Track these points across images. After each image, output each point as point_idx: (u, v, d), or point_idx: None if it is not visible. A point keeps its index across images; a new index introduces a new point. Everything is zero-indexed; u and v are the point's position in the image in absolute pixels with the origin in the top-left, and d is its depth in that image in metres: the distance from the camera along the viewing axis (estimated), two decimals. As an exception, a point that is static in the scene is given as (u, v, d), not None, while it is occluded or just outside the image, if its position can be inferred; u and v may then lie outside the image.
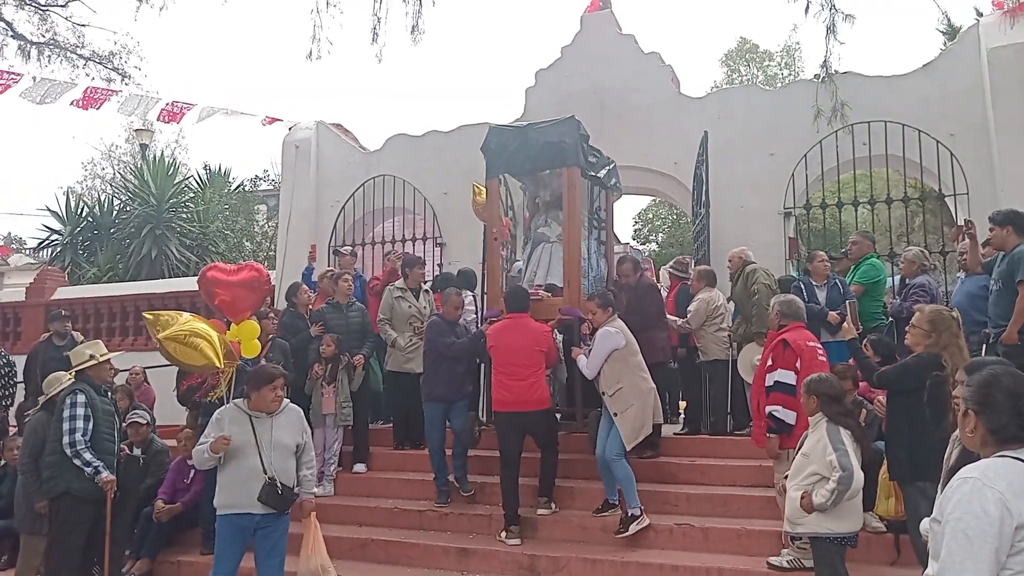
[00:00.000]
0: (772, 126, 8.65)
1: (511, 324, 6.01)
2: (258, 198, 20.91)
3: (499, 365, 5.92)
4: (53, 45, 18.73)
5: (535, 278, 6.88)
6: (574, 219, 6.41)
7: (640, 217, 27.96)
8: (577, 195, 6.48)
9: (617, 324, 5.77)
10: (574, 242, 6.41)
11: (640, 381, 5.66)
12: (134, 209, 15.09)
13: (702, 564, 5.05)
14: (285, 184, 11.13)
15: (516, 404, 5.79)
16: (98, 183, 26.98)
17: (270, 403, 4.58)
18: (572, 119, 6.47)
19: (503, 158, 6.70)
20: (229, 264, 6.37)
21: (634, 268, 6.94)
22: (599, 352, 5.67)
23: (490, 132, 6.78)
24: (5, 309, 11.54)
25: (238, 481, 4.49)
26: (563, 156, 6.42)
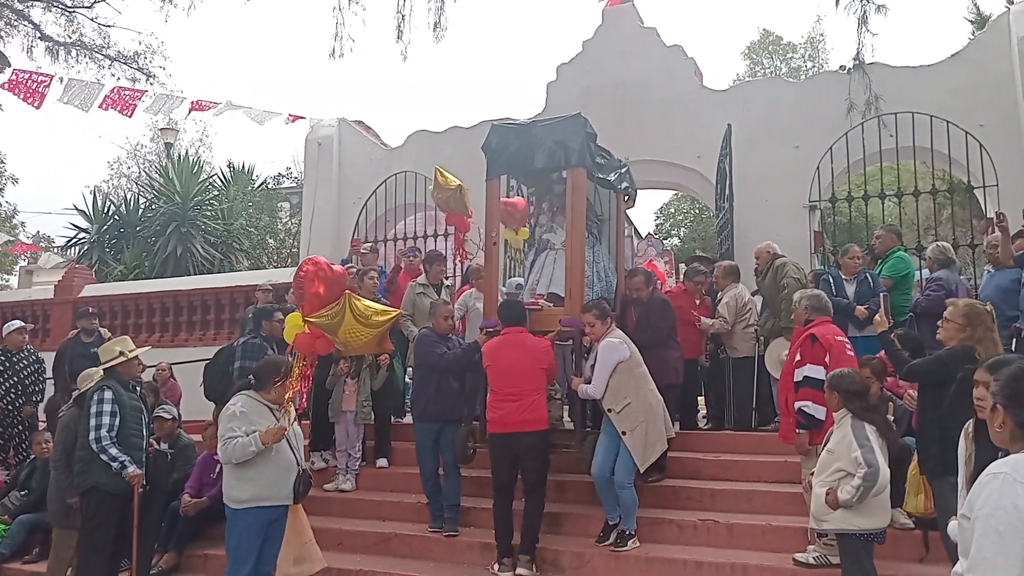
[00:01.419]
0: (797, 118, 8.55)
1: (508, 340, 5.52)
2: (281, 195, 21.06)
3: (495, 385, 5.43)
4: (79, 46, 19.02)
5: (537, 286, 6.45)
6: (577, 223, 5.97)
7: (662, 211, 27.84)
8: (581, 198, 6.07)
9: (618, 334, 5.41)
10: (577, 248, 5.97)
11: (649, 395, 5.30)
12: (159, 207, 15.27)
13: (727, 560, 5.01)
14: (308, 181, 11.21)
15: (510, 424, 5.30)
16: (124, 182, 27.36)
17: (282, 396, 4.66)
18: (578, 116, 6.05)
19: (504, 158, 6.26)
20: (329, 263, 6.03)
21: (646, 281, 6.38)
22: (604, 365, 5.26)
23: (491, 130, 6.38)
24: (34, 307, 11.74)
25: (275, 474, 4.52)
26: (567, 156, 5.97)
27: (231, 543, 4.53)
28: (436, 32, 8.20)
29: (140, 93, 10.72)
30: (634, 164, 9.38)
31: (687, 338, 6.74)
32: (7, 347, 7.78)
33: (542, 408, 5.39)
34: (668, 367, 6.04)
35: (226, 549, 4.61)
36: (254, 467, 4.48)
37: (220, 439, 4.54)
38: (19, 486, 6.83)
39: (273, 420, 4.54)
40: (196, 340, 10.08)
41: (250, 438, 4.42)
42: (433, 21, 8.01)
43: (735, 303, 6.91)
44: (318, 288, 5.56)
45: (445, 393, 5.87)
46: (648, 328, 6.16)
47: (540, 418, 5.36)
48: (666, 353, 6.10)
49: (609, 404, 5.22)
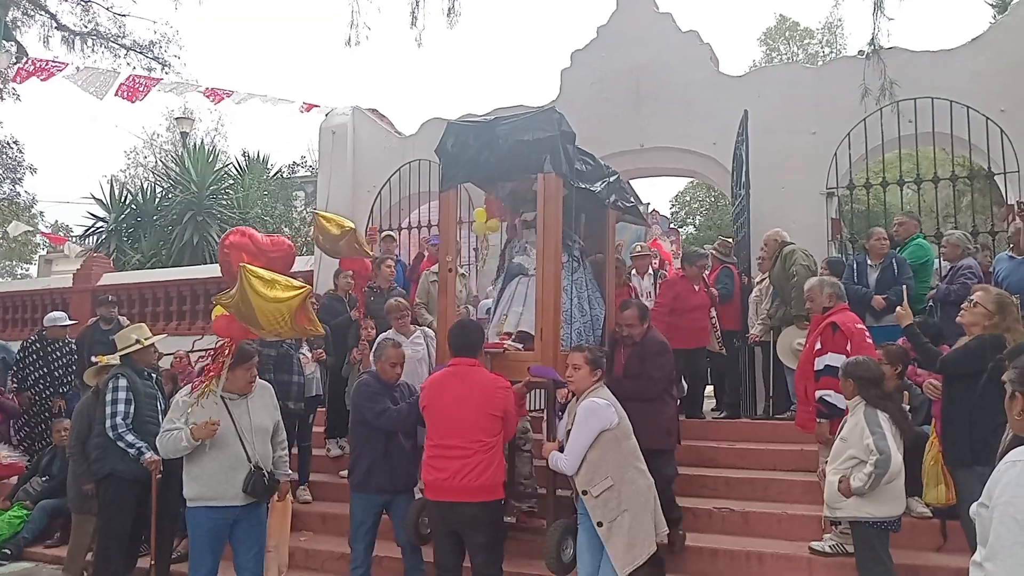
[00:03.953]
0: (814, 104, 8.45)
1: (454, 374, 4.34)
2: (296, 184, 21.14)
3: (433, 434, 4.30)
4: (95, 35, 19.13)
5: (505, 323, 5.15)
6: (550, 241, 4.75)
7: (677, 200, 27.70)
8: (555, 209, 4.80)
9: (605, 393, 4.17)
10: (550, 273, 4.73)
11: (637, 476, 4.05)
12: (176, 196, 15.36)
13: (742, 548, 5.01)
14: (322, 170, 11.22)
15: (448, 490, 4.13)
16: (140, 171, 27.56)
17: (245, 384, 4.36)
18: (551, 111, 5.02)
19: (463, 162, 5.14)
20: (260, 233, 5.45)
21: (640, 316, 5.10)
22: (582, 433, 4.02)
23: (447, 129, 5.25)
24: (54, 295, 11.86)
25: (219, 471, 4.22)
26: (537, 158, 4.81)
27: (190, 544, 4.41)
28: (450, 18, 8.18)
29: (155, 81, 10.76)
30: (649, 151, 9.38)
31: (692, 325, 6.65)
32: (45, 335, 7.87)
33: (493, 470, 4.17)
34: (659, 427, 4.85)
35: None
36: (198, 463, 4.27)
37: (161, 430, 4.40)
38: (40, 472, 6.95)
39: (224, 410, 4.27)
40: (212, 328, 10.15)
41: (182, 432, 4.21)
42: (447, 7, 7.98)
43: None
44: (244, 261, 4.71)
45: (394, 456, 4.69)
46: (640, 376, 4.97)
47: (489, 484, 4.15)
48: (659, 410, 4.94)
49: (584, 484, 4.01)
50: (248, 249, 4.87)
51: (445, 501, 4.18)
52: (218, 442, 4.23)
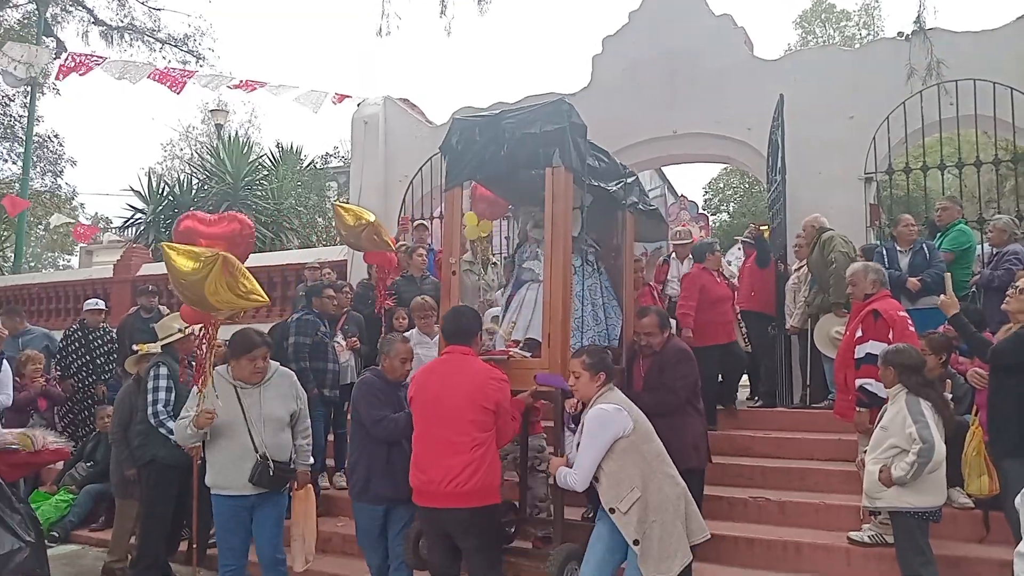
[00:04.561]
0: (852, 88, 8.28)
1: (442, 362, 4.10)
2: (329, 175, 21.30)
3: (418, 429, 3.99)
4: (131, 30, 19.43)
5: (513, 330, 4.92)
6: (558, 241, 4.42)
7: (711, 186, 27.42)
8: (564, 207, 4.44)
9: (615, 397, 3.82)
10: (559, 274, 4.39)
11: (665, 482, 3.69)
12: (211, 188, 15.57)
13: (779, 538, 4.96)
14: (355, 160, 11.28)
15: (435, 495, 3.83)
16: (177, 163, 27.98)
17: (249, 375, 4.29)
18: (560, 102, 4.65)
19: (468, 159, 4.85)
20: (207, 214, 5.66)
21: (660, 324, 4.74)
22: (594, 445, 3.69)
23: (452, 125, 5.00)
24: (95, 285, 12.13)
25: (228, 461, 4.22)
26: (545, 152, 4.49)
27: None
28: (481, 5, 8.14)
29: (190, 74, 10.89)
30: (683, 137, 9.27)
31: (720, 319, 6.51)
32: (86, 323, 8.06)
33: (485, 472, 3.79)
34: (686, 444, 4.46)
35: None
36: (212, 452, 4.31)
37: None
38: (85, 458, 7.13)
39: (235, 399, 4.24)
40: (250, 317, 10.26)
41: (187, 420, 4.24)
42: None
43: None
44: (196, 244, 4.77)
45: (396, 462, 4.25)
46: (660, 387, 4.61)
47: (480, 488, 3.78)
48: (684, 424, 4.57)
49: (610, 501, 3.66)
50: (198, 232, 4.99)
51: (432, 507, 3.88)
52: (227, 431, 4.23)
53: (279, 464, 4.26)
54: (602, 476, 3.70)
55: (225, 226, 5.34)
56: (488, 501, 3.86)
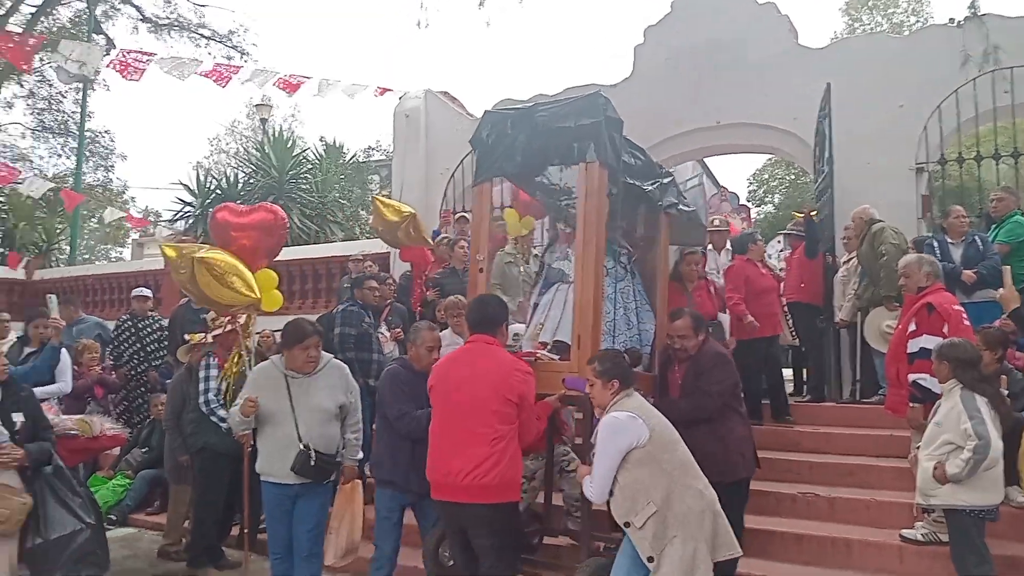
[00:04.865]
0: (901, 76, 8.08)
1: (465, 351, 3.97)
2: (371, 168, 21.50)
3: (436, 419, 3.86)
4: (177, 26, 19.82)
5: (541, 332, 4.73)
6: (590, 240, 4.20)
7: (755, 178, 27.02)
8: (597, 203, 4.22)
9: (631, 404, 3.59)
10: (590, 273, 4.19)
11: (688, 496, 3.42)
12: (257, 181, 15.82)
13: (828, 534, 4.89)
14: (396, 153, 11.37)
15: (452, 490, 3.70)
16: (223, 157, 28.50)
17: (302, 364, 4.29)
18: (596, 95, 4.42)
19: (498, 154, 4.66)
20: (240, 205, 5.87)
21: (694, 326, 4.47)
22: (606, 454, 3.50)
23: (483, 118, 4.83)
24: (147, 276, 12.43)
25: (274, 448, 4.26)
26: (579, 147, 4.30)
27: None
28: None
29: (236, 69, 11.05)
30: (726, 128, 9.15)
31: (765, 311, 6.40)
32: (135, 312, 8.29)
33: (504, 467, 3.63)
34: (732, 452, 4.20)
35: None
36: (260, 439, 4.37)
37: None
38: (140, 444, 7.34)
39: (284, 389, 4.28)
40: (296, 308, 10.45)
41: (237, 407, 4.34)
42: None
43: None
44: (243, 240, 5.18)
45: (422, 458, 3.98)
46: (696, 392, 4.37)
47: (499, 483, 3.63)
48: (727, 430, 4.29)
49: (623, 515, 3.47)
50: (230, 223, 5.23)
51: (448, 502, 3.74)
52: (274, 420, 4.27)
53: (322, 455, 4.25)
54: (615, 488, 3.49)
55: (257, 216, 5.50)
56: (507, 498, 3.69)
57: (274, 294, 5.47)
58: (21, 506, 4.01)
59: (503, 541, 3.73)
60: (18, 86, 19.25)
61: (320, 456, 4.23)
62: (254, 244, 5.43)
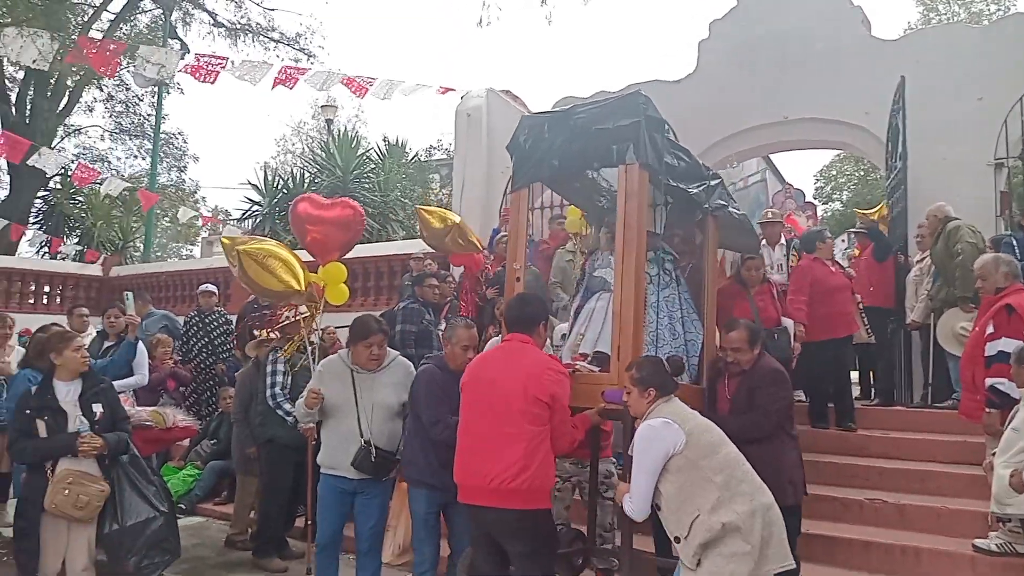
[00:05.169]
0: (980, 67, 7.75)
1: (500, 349, 3.87)
2: (432, 167, 21.72)
3: (464, 419, 3.70)
4: (247, 30, 20.39)
5: (581, 342, 4.52)
6: (631, 246, 3.98)
7: (822, 174, 26.31)
8: (637, 209, 4.01)
9: (667, 409, 3.36)
10: (631, 280, 3.96)
11: (734, 498, 3.15)
12: (322, 181, 16.15)
13: (896, 542, 4.73)
14: (458, 152, 11.45)
15: (476, 492, 3.55)
16: (289, 157, 29.21)
17: (365, 361, 4.29)
18: (637, 94, 4.24)
19: (536, 158, 4.47)
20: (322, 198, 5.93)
21: (749, 339, 4.21)
22: (643, 466, 3.28)
23: (520, 123, 4.62)
24: (216, 274, 12.81)
25: (336, 442, 4.29)
26: (619, 149, 4.10)
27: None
28: (583, -6, 8.06)
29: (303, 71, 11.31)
30: (793, 124, 8.94)
31: (836, 311, 6.13)
32: (201, 308, 8.59)
33: (534, 472, 3.44)
34: (781, 479, 3.80)
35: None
36: (324, 432, 4.41)
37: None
38: (209, 436, 7.58)
39: (349, 383, 4.30)
40: (359, 305, 10.63)
41: (303, 399, 4.38)
42: (581, -17, 7.88)
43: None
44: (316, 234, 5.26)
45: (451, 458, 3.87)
46: (748, 409, 4.12)
47: (527, 489, 3.44)
48: (777, 454, 4.01)
49: (672, 529, 3.25)
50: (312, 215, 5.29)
51: (475, 505, 3.57)
52: (337, 414, 4.29)
53: (382, 452, 4.24)
54: (661, 501, 3.26)
55: (338, 211, 5.61)
56: (536, 504, 3.50)
57: (340, 288, 5.51)
58: (99, 493, 4.18)
59: (535, 547, 3.56)
60: (98, 90, 20.08)
61: (380, 452, 4.23)
62: (325, 238, 5.50)
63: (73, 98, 18.26)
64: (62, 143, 20.63)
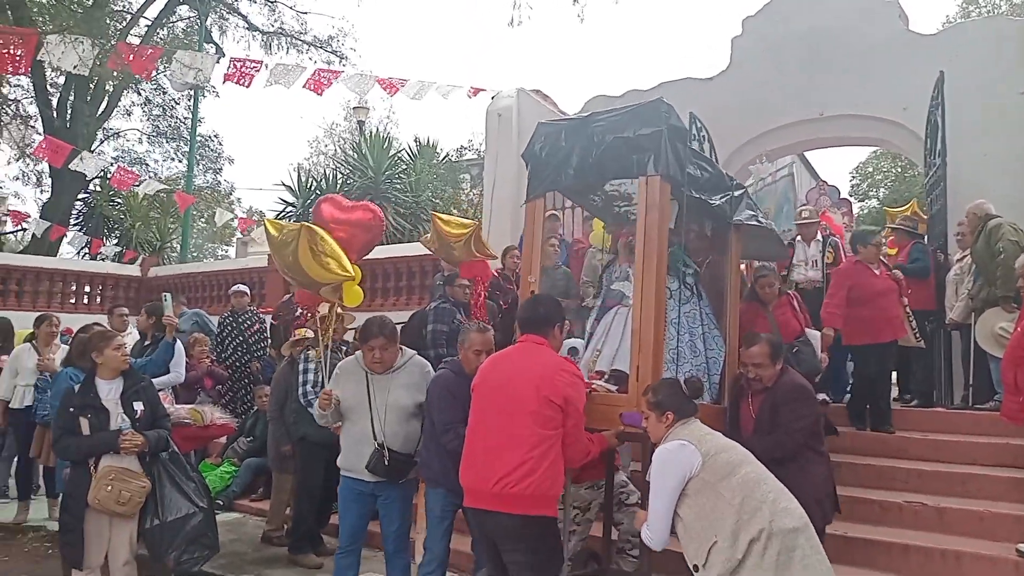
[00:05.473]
0: (1022, 61, 7.57)
1: (512, 350, 3.74)
2: (463, 167, 21.80)
3: (474, 419, 3.59)
4: (281, 33, 20.65)
5: (598, 360, 4.38)
6: (651, 259, 3.84)
7: (858, 171, 25.91)
8: (658, 220, 3.88)
9: (683, 432, 3.23)
10: (650, 297, 3.83)
11: (752, 520, 2.98)
12: (355, 182, 16.30)
13: (937, 545, 4.64)
14: (488, 152, 11.47)
15: (481, 495, 3.42)
16: (322, 159, 29.51)
17: (369, 363, 4.25)
18: (658, 102, 4.07)
19: (552, 167, 4.35)
20: (345, 200, 6.01)
21: (771, 355, 4.07)
22: (659, 491, 3.16)
23: (536, 130, 4.51)
24: (252, 274, 13.00)
25: (351, 444, 4.28)
26: (640, 159, 3.97)
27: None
28: (615, -8, 8.03)
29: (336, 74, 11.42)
30: (829, 120, 8.82)
31: (879, 315, 5.93)
32: (234, 308, 8.72)
33: (539, 477, 3.30)
34: (808, 500, 3.38)
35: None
36: (341, 433, 4.39)
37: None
38: (245, 433, 7.69)
39: (364, 385, 4.27)
40: (391, 305, 10.72)
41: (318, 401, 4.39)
42: (612, -19, 7.85)
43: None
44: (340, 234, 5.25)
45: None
46: (772, 427, 3.97)
47: (534, 493, 3.30)
48: (804, 473, 3.83)
49: (691, 556, 3.10)
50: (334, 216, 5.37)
51: (479, 509, 3.44)
52: (352, 416, 4.28)
53: (396, 454, 4.17)
54: (679, 526, 3.13)
55: (359, 213, 5.69)
56: (541, 511, 3.34)
57: (355, 289, 5.51)
58: (140, 489, 4.27)
59: (536, 559, 3.39)
60: (136, 94, 20.48)
61: (394, 455, 4.16)
62: (351, 239, 5.58)
63: (112, 102, 18.63)
64: (101, 146, 21.06)
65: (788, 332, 5.49)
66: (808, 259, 7.10)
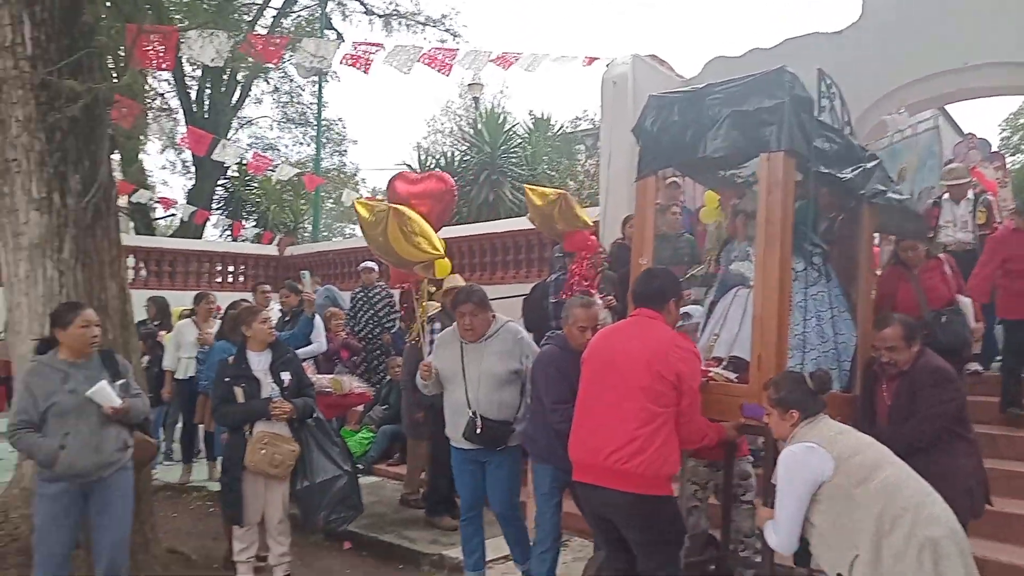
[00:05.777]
0: None
1: (626, 324, 3.68)
2: (578, 138, 21.69)
3: (584, 393, 3.53)
4: (396, 15, 21.12)
5: (716, 345, 4.16)
6: (774, 240, 3.59)
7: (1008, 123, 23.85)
8: (783, 200, 3.61)
9: (811, 433, 3.03)
10: (773, 280, 3.57)
11: (894, 530, 2.77)
12: (472, 158, 16.58)
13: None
14: (604, 122, 11.34)
15: (591, 470, 3.37)
16: (439, 137, 30.10)
17: (461, 332, 4.31)
18: (780, 71, 3.71)
19: (665, 143, 4.08)
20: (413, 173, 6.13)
21: (906, 336, 3.78)
22: (787, 497, 2.99)
23: (648, 103, 4.24)
24: (377, 251, 13.53)
25: (451, 413, 4.39)
26: (760, 135, 3.66)
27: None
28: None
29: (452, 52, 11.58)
30: (975, 69, 8.15)
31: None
32: (364, 284, 9.14)
33: (651, 455, 3.22)
34: (956, 491, 3.22)
35: None
36: (444, 403, 4.49)
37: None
38: (380, 401, 8.08)
39: (458, 354, 4.34)
40: (511, 278, 10.89)
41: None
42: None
43: None
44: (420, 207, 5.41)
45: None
46: (910, 415, 3.69)
47: (645, 472, 3.22)
48: (950, 463, 3.55)
49: (831, 567, 2.94)
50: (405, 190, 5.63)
51: (590, 484, 3.39)
52: (449, 385, 4.39)
53: (490, 422, 4.20)
54: (812, 534, 2.97)
55: (429, 184, 5.76)
56: (653, 491, 3.26)
57: (443, 263, 5.64)
58: (291, 452, 4.59)
59: (655, 538, 3.34)
60: (265, 83, 21.57)
61: (488, 422, 4.18)
62: (428, 210, 5.72)
63: (244, 92, 19.71)
64: (236, 134, 22.36)
65: (936, 299, 5.12)
66: (957, 219, 6.61)
